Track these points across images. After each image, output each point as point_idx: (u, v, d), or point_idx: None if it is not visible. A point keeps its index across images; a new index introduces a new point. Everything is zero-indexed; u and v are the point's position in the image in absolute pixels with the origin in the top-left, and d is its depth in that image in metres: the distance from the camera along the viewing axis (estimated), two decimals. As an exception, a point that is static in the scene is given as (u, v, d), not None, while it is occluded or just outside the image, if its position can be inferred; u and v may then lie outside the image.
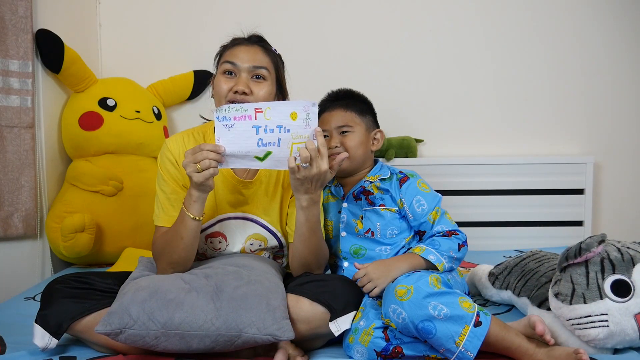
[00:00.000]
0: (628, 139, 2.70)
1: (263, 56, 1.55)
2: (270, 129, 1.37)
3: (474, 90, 2.69)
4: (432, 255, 1.53)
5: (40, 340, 1.37)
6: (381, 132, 1.74)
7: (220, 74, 1.54)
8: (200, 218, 1.45)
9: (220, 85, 1.52)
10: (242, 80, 1.51)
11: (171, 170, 1.58)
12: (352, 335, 1.39)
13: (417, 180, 1.69)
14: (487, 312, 1.33)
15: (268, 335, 1.30)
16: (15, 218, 2.08)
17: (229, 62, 1.53)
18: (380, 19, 2.67)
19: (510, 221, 2.61)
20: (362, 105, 1.73)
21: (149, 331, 1.29)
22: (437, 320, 1.29)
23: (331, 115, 1.69)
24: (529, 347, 1.33)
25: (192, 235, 1.46)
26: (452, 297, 1.32)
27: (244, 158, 1.40)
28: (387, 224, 1.66)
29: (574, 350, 1.29)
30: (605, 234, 1.40)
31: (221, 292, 1.35)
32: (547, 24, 2.66)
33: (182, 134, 1.63)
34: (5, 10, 2.04)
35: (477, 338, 1.29)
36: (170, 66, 2.64)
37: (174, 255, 1.48)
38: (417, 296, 1.31)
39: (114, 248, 2.26)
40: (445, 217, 1.65)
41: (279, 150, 1.38)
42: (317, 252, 1.54)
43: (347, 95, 1.75)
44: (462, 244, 1.59)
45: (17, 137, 2.08)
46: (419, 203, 1.64)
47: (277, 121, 1.37)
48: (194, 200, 1.43)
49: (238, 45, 1.56)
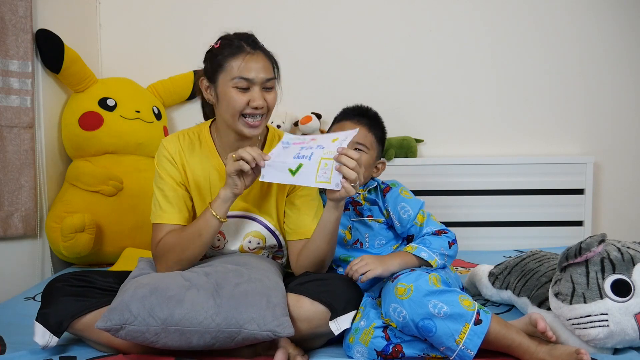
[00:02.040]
0: (628, 139, 2.70)
1: (268, 63, 1.54)
2: (309, 147, 1.46)
3: (474, 90, 2.69)
4: (424, 253, 1.55)
5: (40, 338, 1.37)
6: (384, 163, 1.78)
7: (232, 87, 1.50)
8: (222, 219, 1.48)
9: (235, 99, 1.49)
10: (257, 95, 1.50)
11: (169, 168, 1.58)
12: (353, 335, 1.39)
13: (399, 188, 1.72)
14: (487, 310, 1.34)
15: (268, 331, 1.31)
16: (15, 218, 2.08)
17: (244, 79, 1.49)
18: (380, 19, 2.67)
19: (510, 221, 2.61)
20: (381, 134, 1.77)
21: (149, 327, 1.30)
22: (438, 318, 1.29)
23: (353, 127, 1.67)
24: (530, 345, 1.33)
25: (211, 233, 1.49)
26: (453, 296, 1.33)
27: (282, 171, 1.44)
28: (375, 234, 1.70)
29: (575, 349, 1.29)
30: (605, 234, 1.40)
31: (221, 289, 1.36)
32: (547, 24, 2.66)
33: (177, 134, 1.64)
34: (5, 10, 2.04)
35: (478, 336, 1.29)
36: (170, 66, 2.64)
37: (187, 252, 1.50)
38: (417, 294, 1.32)
39: (114, 248, 2.26)
40: (432, 219, 1.68)
41: (309, 164, 1.43)
42: (333, 250, 1.58)
43: (374, 117, 1.77)
44: (453, 242, 1.61)
45: (17, 137, 2.08)
46: (404, 210, 1.67)
47: (319, 142, 1.46)
48: (221, 199, 1.46)
49: (244, 56, 1.51)
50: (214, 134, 1.63)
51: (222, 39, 1.56)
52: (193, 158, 1.60)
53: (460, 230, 2.59)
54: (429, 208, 1.70)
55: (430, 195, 2.53)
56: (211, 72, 1.54)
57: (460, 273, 2.14)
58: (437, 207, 2.39)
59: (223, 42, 1.55)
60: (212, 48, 1.57)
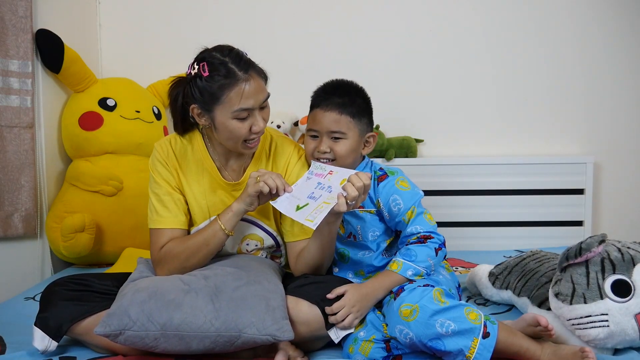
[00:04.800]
0: (628, 139, 2.70)
1: (261, 81, 1.48)
2: (322, 187, 1.46)
3: (474, 90, 2.69)
4: (410, 271, 1.46)
5: (40, 343, 1.37)
6: (374, 135, 1.63)
7: (233, 119, 1.44)
8: (230, 233, 1.49)
9: (237, 129, 1.45)
10: (258, 119, 1.47)
11: (162, 171, 1.58)
12: (352, 345, 1.38)
13: (396, 178, 1.59)
14: (493, 321, 1.32)
15: (268, 335, 1.30)
16: (15, 218, 2.08)
17: (244, 110, 1.44)
18: (380, 19, 2.66)
19: (510, 221, 2.61)
20: (360, 104, 1.59)
21: (148, 332, 1.29)
22: (446, 337, 1.28)
23: (324, 116, 1.55)
24: (536, 349, 1.34)
25: (218, 244, 1.50)
26: (458, 311, 1.31)
27: (291, 204, 1.45)
28: (367, 225, 1.61)
29: (580, 348, 1.29)
30: (605, 234, 1.40)
31: (220, 292, 1.35)
32: (547, 24, 2.66)
33: (169, 137, 1.64)
34: (5, 10, 2.04)
35: (487, 350, 1.28)
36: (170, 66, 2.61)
37: (192, 260, 1.50)
38: (424, 315, 1.30)
39: (113, 248, 2.26)
40: (422, 217, 1.54)
41: (313, 204, 1.43)
42: (331, 257, 1.57)
43: (344, 91, 1.60)
44: (439, 247, 1.51)
45: (17, 137, 2.08)
46: (395, 202, 1.55)
47: (331, 183, 1.46)
48: (232, 212, 1.47)
49: (241, 85, 1.42)
50: (206, 141, 1.60)
51: (207, 62, 1.43)
52: (186, 161, 1.59)
53: (460, 230, 2.63)
54: (429, 208, 1.61)
55: (430, 195, 2.52)
56: (204, 103, 1.45)
57: (460, 273, 2.14)
58: (437, 207, 2.38)
59: (210, 68, 1.42)
60: (197, 74, 1.44)
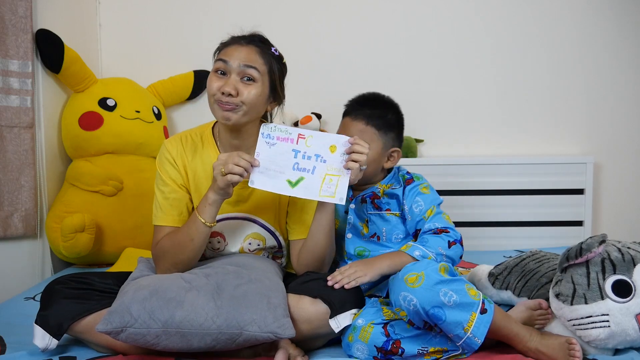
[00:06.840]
0: (628, 139, 2.70)
1: (256, 56, 1.49)
2: (308, 156, 1.45)
3: (474, 90, 2.69)
4: (417, 252, 1.53)
5: (40, 341, 1.37)
6: (398, 151, 1.69)
7: (213, 72, 1.50)
8: (211, 224, 1.46)
9: (211, 83, 1.48)
10: (230, 81, 1.46)
11: (170, 171, 1.57)
12: (352, 333, 1.40)
13: (421, 183, 1.69)
14: (490, 300, 1.38)
15: (269, 333, 1.31)
16: (15, 218, 2.08)
17: (221, 60, 1.48)
18: (380, 19, 2.66)
19: (510, 221, 2.61)
20: (391, 119, 1.67)
21: (149, 330, 1.30)
22: (447, 307, 1.31)
23: (351, 125, 1.65)
24: (525, 335, 1.37)
25: (202, 238, 1.48)
26: (460, 284, 1.35)
27: (276, 179, 1.44)
28: (393, 228, 1.67)
29: (566, 339, 1.33)
30: (605, 234, 1.40)
31: (222, 290, 1.36)
32: (547, 24, 2.66)
33: (179, 135, 1.62)
34: (5, 10, 2.04)
35: (484, 325, 1.33)
36: (170, 66, 2.64)
37: (181, 256, 1.49)
38: (429, 282, 1.33)
39: (114, 248, 2.26)
40: (441, 216, 1.63)
41: (312, 178, 1.45)
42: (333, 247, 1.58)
43: (374, 104, 1.68)
44: (454, 242, 1.58)
45: (17, 137, 2.08)
46: (417, 204, 1.64)
47: (316, 150, 1.46)
48: (209, 204, 1.44)
49: (233, 44, 1.51)
50: (216, 134, 1.62)
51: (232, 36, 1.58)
52: (195, 159, 1.59)
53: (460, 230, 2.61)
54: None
55: (430, 195, 2.53)
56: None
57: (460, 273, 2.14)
58: (437, 207, 2.38)
59: (230, 37, 1.56)
60: None
